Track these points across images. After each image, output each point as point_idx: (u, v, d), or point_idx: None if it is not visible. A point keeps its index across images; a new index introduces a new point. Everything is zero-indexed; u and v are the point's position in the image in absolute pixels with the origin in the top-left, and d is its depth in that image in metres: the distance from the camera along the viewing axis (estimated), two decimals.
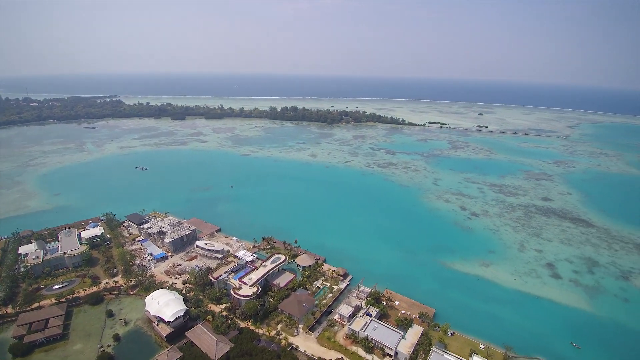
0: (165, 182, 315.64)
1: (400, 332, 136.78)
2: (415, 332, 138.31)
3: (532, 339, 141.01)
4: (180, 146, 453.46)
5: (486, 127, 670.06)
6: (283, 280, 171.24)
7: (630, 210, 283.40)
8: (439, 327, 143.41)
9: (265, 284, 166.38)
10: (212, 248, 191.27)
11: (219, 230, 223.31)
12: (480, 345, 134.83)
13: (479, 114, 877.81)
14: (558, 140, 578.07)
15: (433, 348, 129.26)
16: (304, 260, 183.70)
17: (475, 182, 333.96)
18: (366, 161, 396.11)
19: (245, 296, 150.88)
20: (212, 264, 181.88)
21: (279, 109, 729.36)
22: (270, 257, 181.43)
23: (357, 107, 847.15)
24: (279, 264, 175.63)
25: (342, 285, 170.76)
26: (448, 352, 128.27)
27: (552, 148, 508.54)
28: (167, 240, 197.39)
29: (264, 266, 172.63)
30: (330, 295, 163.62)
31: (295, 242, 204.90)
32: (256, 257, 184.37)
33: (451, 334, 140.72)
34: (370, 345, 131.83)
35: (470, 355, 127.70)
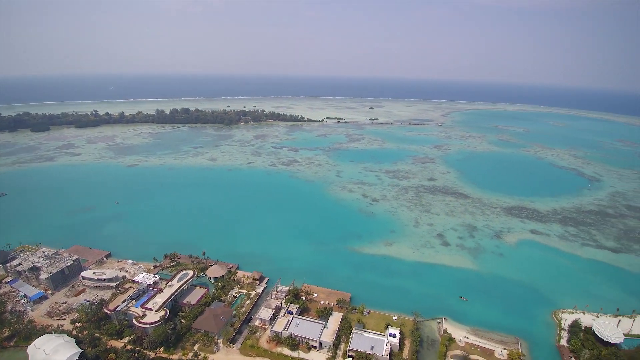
0: (33, 207, 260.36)
1: (321, 322, 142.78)
2: (335, 319, 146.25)
3: (433, 301, 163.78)
4: (47, 162, 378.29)
5: (377, 119, 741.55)
6: (194, 296, 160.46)
7: (494, 181, 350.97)
8: (356, 309, 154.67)
9: (174, 304, 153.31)
10: (103, 277, 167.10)
11: (108, 256, 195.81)
12: (393, 317, 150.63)
13: (369, 108, 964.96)
14: (435, 127, 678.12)
15: (353, 330, 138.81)
16: (215, 271, 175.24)
17: (372, 171, 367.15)
18: (270, 160, 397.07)
19: (151, 323, 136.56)
20: (106, 294, 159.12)
21: (167, 112, 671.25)
22: (176, 274, 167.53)
23: (255, 107, 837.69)
24: (187, 281, 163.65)
25: (260, 289, 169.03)
26: (366, 330, 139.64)
27: (432, 134, 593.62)
28: (43, 276, 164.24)
29: (170, 286, 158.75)
30: (248, 302, 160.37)
31: (203, 253, 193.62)
32: (159, 278, 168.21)
33: (367, 313, 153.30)
34: (294, 343, 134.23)
35: (386, 328, 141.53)
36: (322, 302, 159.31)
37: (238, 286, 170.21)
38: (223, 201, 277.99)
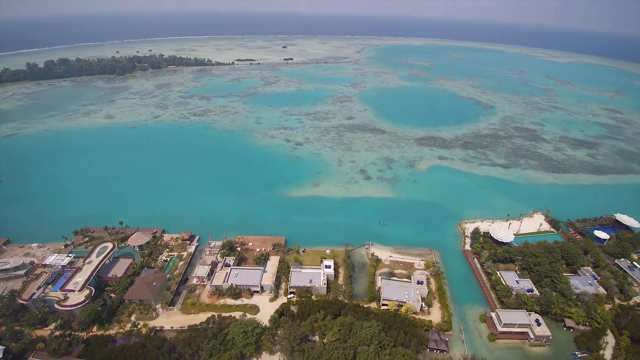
0: None
1: (260, 268, 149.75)
2: (273, 263, 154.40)
3: (360, 230, 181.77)
4: None
5: (292, 59, 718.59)
6: (120, 268, 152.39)
7: (406, 115, 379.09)
8: (292, 250, 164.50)
9: (99, 280, 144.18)
10: (7, 266, 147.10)
11: (7, 243, 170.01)
12: (327, 251, 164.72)
13: (283, 47, 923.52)
14: (350, 65, 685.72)
15: (291, 269, 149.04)
16: (138, 239, 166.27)
17: (293, 114, 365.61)
18: (179, 112, 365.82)
19: (77, 304, 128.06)
20: (15, 284, 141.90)
21: (41, 65, 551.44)
22: (93, 250, 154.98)
23: (150, 51, 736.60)
24: (108, 254, 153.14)
25: (191, 249, 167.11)
26: (304, 267, 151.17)
27: (347, 73, 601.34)
28: None
29: (89, 263, 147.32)
30: (182, 263, 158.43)
31: (120, 223, 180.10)
32: (75, 257, 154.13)
33: (303, 251, 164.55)
34: (237, 292, 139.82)
35: (321, 261, 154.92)
36: (258, 250, 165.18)
37: (167, 250, 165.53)
38: (133, 163, 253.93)
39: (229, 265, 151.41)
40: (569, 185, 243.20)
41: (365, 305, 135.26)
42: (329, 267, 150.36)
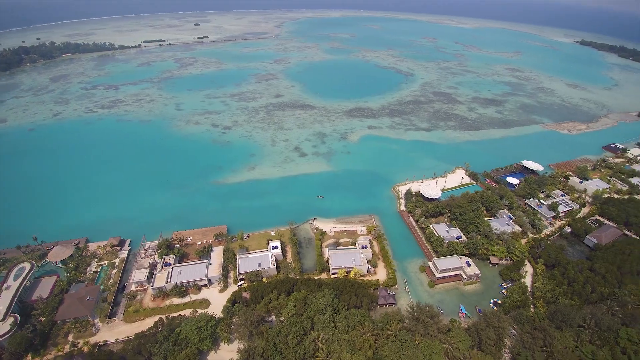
0: None
1: (204, 261, 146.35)
2: (217, 254, 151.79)
3: (302, 207, 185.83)
4: None
5: (207, 37, 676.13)
6: (44, 289, 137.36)
7: (334, 88, 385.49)
8: (235, 237, 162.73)
9: (23, 305, 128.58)
10: None
11: None
12: (272, 232, 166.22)
13: (195, 25, 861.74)
14: (271, 40, 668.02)
15: (237, 256, 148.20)
16: (58, 253, 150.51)
17: (216, 97, 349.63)
18: (84, 106, 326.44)
19: (2, 335, 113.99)
20: None
21: None
22: (8, 274, 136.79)
23: (39, 39, 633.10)
24: (27, 276, 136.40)
25: (124, 255, 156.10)
26: (250, 252, 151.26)
27: (269, 49, 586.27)
28: None
29: (7, 288, 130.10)
30: (115, 271, 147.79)
31: (35, 239, 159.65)
32: None
33: (247, 237, 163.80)
34: (182, 290, 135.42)
35: (267, 243, 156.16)
36: (199, 243, 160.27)
37: (96, 260, 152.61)
38: (38, 170, 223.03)
39: (170, 264, 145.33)
40: (482, 141, 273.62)
41: (316, 278, 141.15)
42: (276, 247, 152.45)
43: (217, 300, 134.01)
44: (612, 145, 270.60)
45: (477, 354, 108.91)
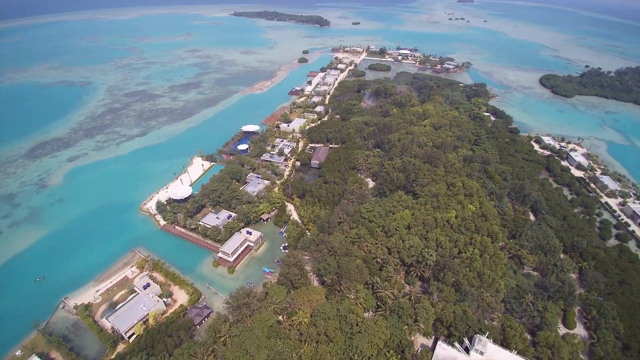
0: None
1: None
2: None
3: (22, 301, 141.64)
4: None
5: None
6: None
7: None
8: None
9: None
10: None
11: None
12: (17, 353, 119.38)
13: None
14: None
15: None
16: None
17: None
18: None
19: None
20: None
21: None
22: None
23: None
24: None
25: None
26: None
27: None
28: None
29: None
30: None
31: None
32: None
33: None
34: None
35: None
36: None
37: None
38: None
39: None
40: (201, 124, 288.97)
41: (112, 358, 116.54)
42: None
43: None
44: (294, 90, 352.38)
45: (294, 292, 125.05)
